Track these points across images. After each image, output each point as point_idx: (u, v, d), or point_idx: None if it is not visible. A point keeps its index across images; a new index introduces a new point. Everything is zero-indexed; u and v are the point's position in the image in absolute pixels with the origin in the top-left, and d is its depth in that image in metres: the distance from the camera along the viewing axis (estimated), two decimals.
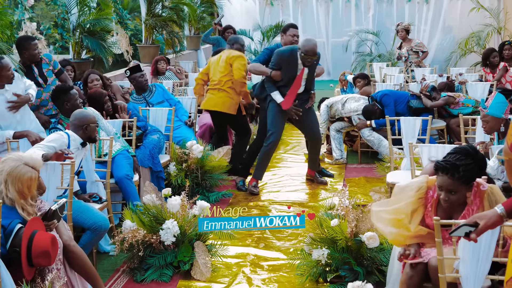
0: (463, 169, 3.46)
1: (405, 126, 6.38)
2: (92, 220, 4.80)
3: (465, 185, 3.50)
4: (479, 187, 3.56)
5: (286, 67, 6.98)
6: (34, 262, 3.69)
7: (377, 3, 17.28)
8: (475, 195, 3.57)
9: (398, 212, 3.73)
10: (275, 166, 8.49)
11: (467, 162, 3.47)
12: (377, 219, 3.85)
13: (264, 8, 17.56)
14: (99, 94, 6.52)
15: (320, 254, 4.69)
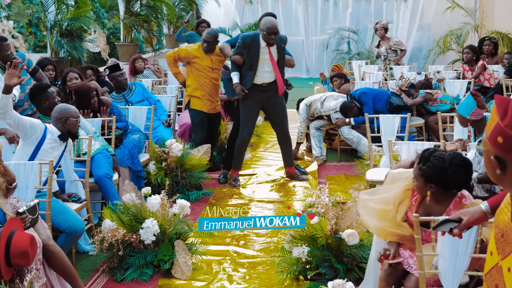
0: (428, 166, 3.54)
1: (384, 124, 6.41)
2: (67, 223, 4.73)
3: (423, 178, 3.57)
4: (461, 200, 3.59)
5: (248, 50, 7.05)
6: (13, 262, 3.66)
7: (355, 1, 17.37)
8: (455, 206, 3.59)
9: (386, 202, 3.78)
10: (255, 164, 8.50)
11: (437, 164, 3.52)
12: (363, 209, 3.88)
13: (243, 6, 17.56)
14: (87, 88, 6.45)
15: (300, 252, 4.70)
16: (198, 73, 7.77)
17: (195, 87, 7.82)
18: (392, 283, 3.70)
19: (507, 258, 2.02)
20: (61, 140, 5.08)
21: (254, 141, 9.78)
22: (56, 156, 5.04)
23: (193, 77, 7.80)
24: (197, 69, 7.76)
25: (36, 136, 4.94)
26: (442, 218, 2.99)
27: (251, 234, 5.87)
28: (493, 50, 10.59)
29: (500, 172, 2.03)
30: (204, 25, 12.01)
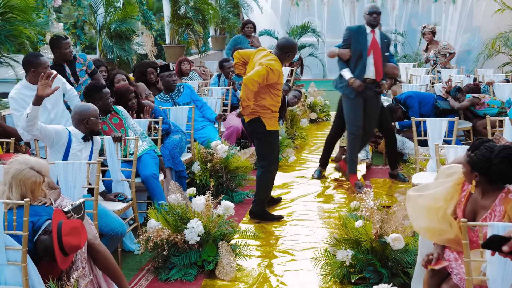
0: (476, 154, 3.51)
1: (431, 127, 6.33)
2: (109, 226, 4.80)
3: (469, 166, 3.55)
4: (507, 195, 3.52)
5: (356, 40, 6.96)
6: (65, 241, 3.66)
7: (403, 3, 17.18)
8: (501, 201, 3.52)
9: (436, 198, 3.74)
10: (300, 167, 8.47)
11: (483, 153, 3.47)
12: (412, 207, 3.83)
13: (290, 8, 17.54)
14: (125, 90, 6.56)
15: (345, 255, 4.67)
16: (277, 93, 6.15)
17: (271, 108, 6.15)
18: (435, 286, 3.65)
19: None
20: (85, 141, 5.14)
21: (299, 143, 9.76)
22: (86, 157, 5.10)
23: (271, 98, 6.09)
24: (277, 89, 6.12)
25: (63, 142, 5.02)
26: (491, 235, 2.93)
27: (295, 235, 5.86)
28: None
29: None
30: (250, 25, 12.03)
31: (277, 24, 16.94)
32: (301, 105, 10.72)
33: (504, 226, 3.17)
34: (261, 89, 5.97)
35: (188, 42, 13.51)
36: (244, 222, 6.23)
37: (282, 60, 6.11)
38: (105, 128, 5.89)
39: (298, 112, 10.12)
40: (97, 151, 5.28)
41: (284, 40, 6.20)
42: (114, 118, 6.02)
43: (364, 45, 6.93)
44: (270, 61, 5.93)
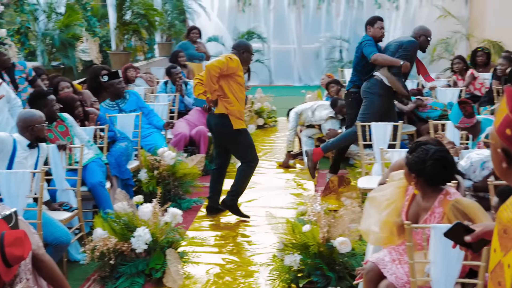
0: (413, 155, 3.62)
1: (376, 132, 6.42)
2: (53, 235, 4.69)
3: (407, 167, 3.65)
4: (446, 197, 3.60)
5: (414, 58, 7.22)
6: (8, 252, 3.56)
7: (348, 9, 17.41)
8: (440, 203, 3.61)
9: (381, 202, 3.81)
10: None
11: (421, 155, 3.57)
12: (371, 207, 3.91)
13: (236, 14, 17.58)
14: (71, 99, 6.46)
15: (292, 260, 4.69)
16: (239, 89, 6.42)
17: (235, 105, 6.40)
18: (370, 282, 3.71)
19: (508, 255, 2.02)
20: (31, 148, 5.04)
21: None
22: (31, 165, 5.00)
23: (232, 94, 6.34)
24: (239, 83, 6.41)
25: (7, 150, 4.91)
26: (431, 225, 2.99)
27: (243, 242, 5.86)
28: (486, 60, 10.62)
29: (507, 166, 2.02)
30: (195, 31, 12.02)
31: (223, 30, 16.95)
32: (248, 111, 10.75)
33: (447, 228, 3.23)
34: (224, 83, 6.24)
35: (134, 48, 13.41)
36: (192, 229, 6.21)
37: (239, 58, 6.33)
38: (50, 136, 5.79)
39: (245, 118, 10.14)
40: (43, 159, 5.18)
41: (237, 40, 6.69)
42: (60, 126, 5.92)
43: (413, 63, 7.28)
44: (228, 54, 6.34)
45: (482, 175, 4.63)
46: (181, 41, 13.12)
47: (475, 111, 5.57)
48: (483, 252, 3.20)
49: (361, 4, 17.34)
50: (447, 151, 3.73)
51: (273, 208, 6.80)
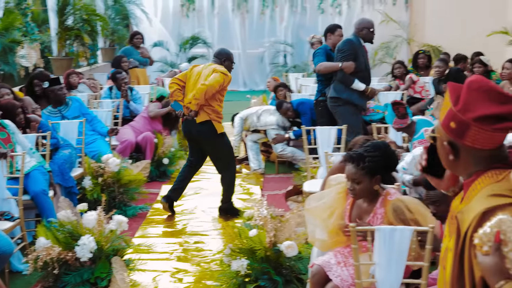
0: (368, 160, 3.60)
1: (321, 135, 6.48)
2: None
3: (368, 176, 3.62)
4: (387, 197, 3.67)
5: (357, 54, 7.13)
6: None
7: (291, 14, 17.55)
8: (381, 203, 3.68)
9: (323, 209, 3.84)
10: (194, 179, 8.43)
11: (374, 154, 3.60)
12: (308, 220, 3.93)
13: (180, 20, 17.51)
14: (12, 106, 6.30)
15: (239, 265, 4.69)
16: (221, 99, 6.54)
17: (218, 109, 6.51)
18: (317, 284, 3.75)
19: (452, 239, 2.09)
20: None
21: None
22: None
23: (217, 103, 6.46)
24: (222, 95, 6.54)
25: None
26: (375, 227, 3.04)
27: (190, 248, 5.83)
28: (427, 63, 10.91)
29: (453, 158, 2.09)
30: (138, 36, 11.93)
31: (167, 36, 16.86)
32: None
33: (390, 229, 3.29)
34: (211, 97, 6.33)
35: (76, 54, 13.21)
36: (138, 237, 6.14)
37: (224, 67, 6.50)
38: None
39: None
40: None
41: (219, 48, 6.93)
42: (2, 132, 5.77)
43: (366, 57, 7.28)
44: (222, 68, 6.41)
45: None
46: (124, 46, 13.00)
47: (409, 112, 5.72)
48: (426, 253, 3.27)
49: (304, 9, 17.51)
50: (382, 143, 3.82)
51: (220, 214, 6.80)
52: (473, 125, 1.99)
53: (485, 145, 2.01)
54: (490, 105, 1.99)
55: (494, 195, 1.96)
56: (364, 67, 7.24)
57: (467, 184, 2.10)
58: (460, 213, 2.06)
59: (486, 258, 1.86)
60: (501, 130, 1.99)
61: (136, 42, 11.85)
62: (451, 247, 2.08)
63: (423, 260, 3.32)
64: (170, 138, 8.65)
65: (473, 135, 2.00)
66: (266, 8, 17.46)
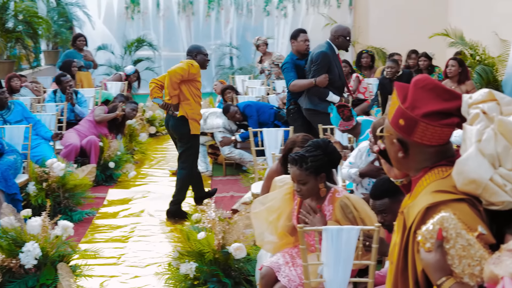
0: (311, 160, 3.63)
1: (268, 137, 6.51)
2: None
3: (313, 175, 3.65)
4: (335, 194, 3.72)
5: (331, 64, 7.01)
6: None
7: (237, 17, 17.56)
8: (329, 201, 3.73)
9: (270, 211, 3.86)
10: (141, 181, 8.38)
11: (316, 153, 3.64)
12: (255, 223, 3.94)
13: (125, 22, 17.31)
14: None
15: (188, 268, 4.67)
16: (198, 94, 6.76)
17: (195, 109, 6.70)
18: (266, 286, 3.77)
19: (398, 234, 2.14)
20: None
21: (139, 158, 9.66)
22: None
23: (193, 98, 6.64)
24: (197, 88, 6.73)
25: None
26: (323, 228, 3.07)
27: (138, 252, 5.78)
28: (370, 63, 11.11)
29: (403, 155, 2.13)
30: (81, 39, 11.76)
31: (111, 38, 16.65)
32: (140, 119, 10.62)
33: (337, 229, 3.33)
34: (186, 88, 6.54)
35: (18, 57, 12.94)
36: (84, 242, 6.05)
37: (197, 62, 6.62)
38: None
39: (136, 127, 10.01)
40: None
41: (190, 46, 7.00)
42: None
43: (340, 67, 7.18)
44: (189, 60, 6.58)
45: (368, 162, 4.83)
46: (68, 49, 12.79)
47: (353, 114, 5.80)
48: (372, 252, 3.32)
49: (250, 11, 17.54)
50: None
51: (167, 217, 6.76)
52: (421, 121, 2.04)
53: (433, 141, 2.06)
54: (436, 102, 2.05)
55: (438, 191, 2.00)
56: (338, 78, 7.13)
57: (415, 181, 2.15)
58: (406, 209, 2.11)
59: (429, 255, 1.90)
60: (448, 125, 2.05)
61: (79, 44, 11.67)
62: (398, 242, 2.13)
63: (370, 259, 3.37)
64: (116, 141, 8.55)
65: (422, 131, 2.05)
66: (212, 11, 17.42)
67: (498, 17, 10.71)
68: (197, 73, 6.62)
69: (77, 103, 9.20)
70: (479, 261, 1.85)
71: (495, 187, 1.90)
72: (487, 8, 11.31)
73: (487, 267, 1.81)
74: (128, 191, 7.89)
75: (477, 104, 2.00)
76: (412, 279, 2.02)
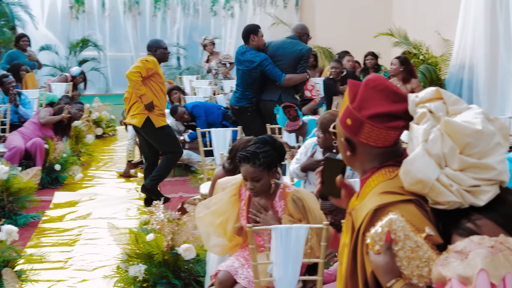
0: (263, 156, 3.65)
1: (216, 138, 6.51)
2: None
3: (266, 171, 3.67)
4: (285, 189, 3.75)
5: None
6: None
7: (183, 17, 17.48)
8: (280, 196, 3.75)
9: (216, 214, 3.85)
10: (88, 184, 8.27)
11: (266, 149, 3.66)
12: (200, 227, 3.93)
13: (69, 22, 17.03)
14: None
15: (137, 270, 4.62)
16: (160, 88, 6.83)
17: (157, 105, 6.81)
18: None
19: (347, 235, 2.14)
20: None
21: (86, 160, 9.52)
22: None
23: (154, 95, 6.76)
24: (159, 82, 6.83)
25: None
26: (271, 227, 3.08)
27: (86, 255, 5.70)
28: (314, 62, 11.21)
29: (350, 154, 2.14)
30: (25, 39, 11.52)
31: (55, 39, 16.36)
32: (86, 121, 10.47)
33: (286, 228, 3.35)
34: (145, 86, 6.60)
35: None
36: (30, 246, 5.93)
37: (155, 57, 6.74)
38: None
39: (83, 128, 9.86)
40: None
41: (150, 41, 7.05)
42: None
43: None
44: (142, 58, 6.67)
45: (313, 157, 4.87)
46: (10, 49, 12.51)
47: (300, 114, 5.85)
48: (321, 249, 3.35)
49: (197, 11, 17.48)
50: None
51: (115, 219, 6.68)
52: (367, 122, 2.04)
53: (379, 143, 2.07)
54: (384, 104, 2.05)
55: (385, 193, 2.01)
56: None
57: (362, 181, 2.16)
58: (354, 211, 2.11)
59: (378, 257, 1.91)
60: (393, 128, 2.05)
61: (22, 44, 11.43)
62: (347, 242, 2.13)
63: (319, 257, 3.40)
64: (62, 143, 8.40)
65: (367, 132, 2.05)
66: (158, 11, 17.30)
67: (441, 17, 10.95)
68: (155, 68, 6.67)
69: (21, 104, 9.01)
70: (427, 262, 1.87)
71: (441, 187, 1.92)
72: (430, 8, 11.55)
73: (435, 268, 1.83)
74: (75, 193, 7.77)
75: (424, 103, 2.01)
76: (361, 281, 2.02)
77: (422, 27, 11.45)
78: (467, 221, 1.89)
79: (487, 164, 1.91)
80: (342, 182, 2.23)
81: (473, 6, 9.23)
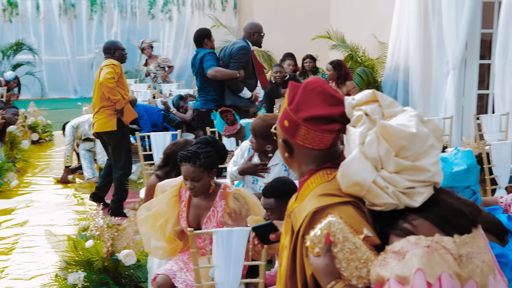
0: (203, 156, 3.67)
1: (156, 142, 6.45)
2: None
3: (207, 172, 3.69)
4: (226, 189, 3.77)
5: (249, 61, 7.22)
6: None
7: (121, 20, 17.30)
8: (221, 197, 3.77)
9: (156, 216, 3.82)
10: (24, 190, 8.08)
11: (207, 150, 3.68)
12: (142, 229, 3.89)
13: (2, 25, 16.63)
14: None
15: (76, 278, 4.55)
16: (123, 92, 6.68)
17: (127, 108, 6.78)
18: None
19: (287, 237, 2.15)
20: None
21: (21, 166, 9.30)
22: None
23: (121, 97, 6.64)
24: (122, 84, 6.69)
25: None
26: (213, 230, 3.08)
27: (22, 263, 5.58)
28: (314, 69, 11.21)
29: (288, 155, 2.15)
30: None
31: None
32: (21, 126, 10.23)
33: (228, 231, 3.35)
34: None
35: None
36: None
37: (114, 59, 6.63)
38: None
39: (18, 134, 9.63)
40: None
41: (106, 43, 6.94)
42: None
43: (253, 63, 7.31)
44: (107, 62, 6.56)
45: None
46: None
47: (237, 118, 5.86)
48: (263, 252, 3.36)
49: (134, 14, 17.33)
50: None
51: (53, 226, 6.56)
52: (303, 125, 2.05)
53: (315, 145, 2.08)
54: (320, 107, 2.06)
55: (324, 195, 2.02)
56: (252, 74, 7.33)
57: (301, 183, 2.17)
58: (293, 213, 2.12)
59: (318, 260, 1.92)
60: (328, 131, 2.06)
61: None
62: (286, 245, 2.14)
63: (260, 259, 3.41)
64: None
65: (303, 134, 2.06)
66: (95, 14, 17.07)
67: (377, 20, 11.14)
68: (120, 71, 6.66)
69: None
70: (366, 263, 1.89)
71: (378, 190, 1.94)
72: (366, 11, 11.74)
73: (373, 269, 1.85)
74: (11, 201, 7.58)
75: (361, 106, 2.03)
76: (300, 282, 2.03)
77: (358, 30, 11.63)
78: (404, 222, 1.92)
79: (421, 166, 1.94)
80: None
81: (406, 9, 9.42)
